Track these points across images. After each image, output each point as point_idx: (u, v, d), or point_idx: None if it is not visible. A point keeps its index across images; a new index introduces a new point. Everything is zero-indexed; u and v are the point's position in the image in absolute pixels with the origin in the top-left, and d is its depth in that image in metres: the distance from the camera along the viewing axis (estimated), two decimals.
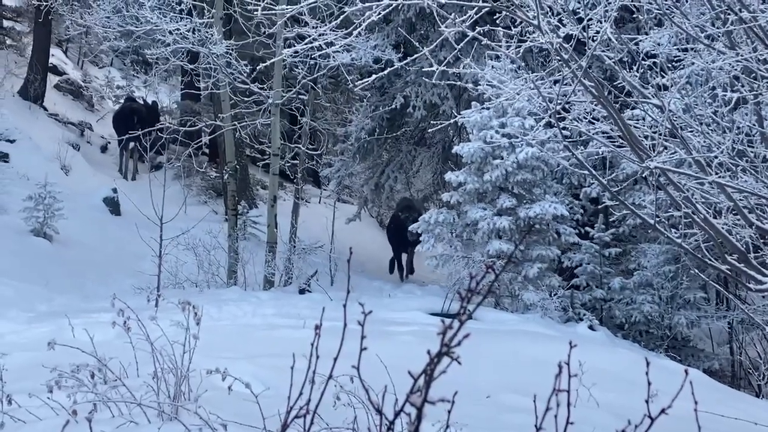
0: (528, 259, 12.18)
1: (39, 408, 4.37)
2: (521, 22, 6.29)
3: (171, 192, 11.41)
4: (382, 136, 16.79)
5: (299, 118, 15.54)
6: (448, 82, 11.54)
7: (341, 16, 7.32)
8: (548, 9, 6.38)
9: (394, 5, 6.53)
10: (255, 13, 7.87)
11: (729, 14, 5.83)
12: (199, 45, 13.27)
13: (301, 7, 7.48)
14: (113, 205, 16.75)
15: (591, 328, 11.42)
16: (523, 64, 8.86)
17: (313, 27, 10.82)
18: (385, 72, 7.80)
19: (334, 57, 12.72)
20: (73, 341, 4.94)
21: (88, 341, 4.81)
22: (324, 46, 10.00)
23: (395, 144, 17.61)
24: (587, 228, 13.02)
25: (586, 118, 7.35)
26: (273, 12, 8.09)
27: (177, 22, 13.14)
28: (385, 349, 4.83)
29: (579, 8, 6.43)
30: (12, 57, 22.12)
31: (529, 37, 6.61)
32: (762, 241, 6.78)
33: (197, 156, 18.91)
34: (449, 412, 1.76)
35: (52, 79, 23.18)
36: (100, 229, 15.42)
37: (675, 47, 7.21)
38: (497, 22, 7.00)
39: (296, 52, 10.30)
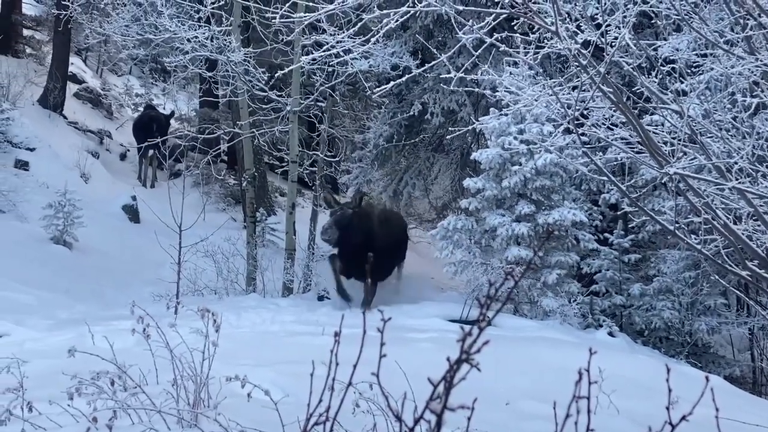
0: (547, 266, 12.13)
1: (59, 415, 4.38)
2: (539, 29, 6.28)
3: (190, 199, 11.41)
4: (400, 143, 16.80)
5: (317, 125, 15.58)
6: (466, 88, 11.57)
7: (359, 24, 7.30)
8: (566, 15, 6.37)
9: (411, 12, 6.53)
10: (273, 21, 7.89)
11: (748, 19, 5.81)
12: (217, 53, 13.33)
13: (319, 14, 7.50)
14: (132, 213, 16.84)
15: (611, 334, 11.35)
16: (541, 70, 8.83)
17: (331, 34, 10.84)
18: (403, 79, 7.79)
19: (352, 64, 12.75)
20: (93, 348, 4.96)
21: (107, 348, 4.82)
22: (342, 54, 10.03)
23: (413, 151, 17.60)
24: (606, 234, 12.96)
25: (605, 124, 7.33)
26: (291, 20, 8.10)
27: (195, 30, 13.20)
28: (404, 355, 4.81)
29: (597, 14, 6.42)
30: (32, 66, 22.29)
31: (547, 43, 6.60)
32: None
33: (216, 163, 18.99)
34: (469, 418, 1.76)
35: (72, 88, 23.34)
36: (120, 237, 15.49)
37: (694, 52, 7.19)
38: (515, 28, 6.98)
39: (314, 59, 10.32)
